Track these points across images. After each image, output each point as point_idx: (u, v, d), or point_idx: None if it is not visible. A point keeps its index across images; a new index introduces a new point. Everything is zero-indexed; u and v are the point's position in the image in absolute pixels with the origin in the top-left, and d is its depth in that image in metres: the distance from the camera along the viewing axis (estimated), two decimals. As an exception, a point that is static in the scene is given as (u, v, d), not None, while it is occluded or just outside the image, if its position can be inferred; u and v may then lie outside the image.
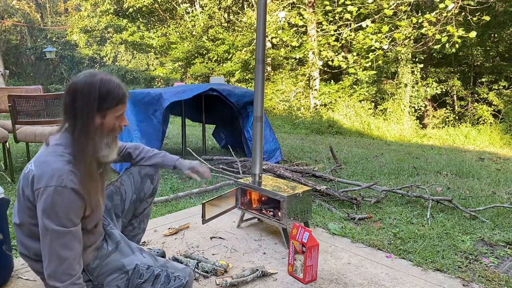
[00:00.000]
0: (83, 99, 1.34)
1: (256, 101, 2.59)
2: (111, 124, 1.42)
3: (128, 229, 1.90)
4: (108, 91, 1.37)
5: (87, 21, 16.18)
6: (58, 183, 1.28)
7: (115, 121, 1.42)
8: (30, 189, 1.34)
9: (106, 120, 1.40)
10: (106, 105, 1.37)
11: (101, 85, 1.36)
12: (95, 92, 1.35)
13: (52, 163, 1.32)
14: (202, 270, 2.02)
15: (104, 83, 1.37)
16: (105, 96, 1.36)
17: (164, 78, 15.53)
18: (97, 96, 1.35)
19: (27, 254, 1.46)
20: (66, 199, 1.29)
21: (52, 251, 1.30)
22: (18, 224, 1.45)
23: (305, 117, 11.75)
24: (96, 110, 1.36)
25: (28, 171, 1.37)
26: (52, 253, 1.30)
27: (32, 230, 1.41)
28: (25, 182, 1.36)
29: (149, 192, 1.89)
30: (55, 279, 1.31)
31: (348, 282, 2.02)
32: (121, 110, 1.43)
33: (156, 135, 4.30)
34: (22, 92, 4.84)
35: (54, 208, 1.28)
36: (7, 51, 17.48)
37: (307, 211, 2.52)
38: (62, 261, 1.31)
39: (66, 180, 1.29)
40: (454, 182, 4.31)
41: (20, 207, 1.42)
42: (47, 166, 1.32)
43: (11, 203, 2.60)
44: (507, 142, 10.07)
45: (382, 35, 10.29)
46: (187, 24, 17.00)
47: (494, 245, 2.54)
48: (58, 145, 1.37)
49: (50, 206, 1.28)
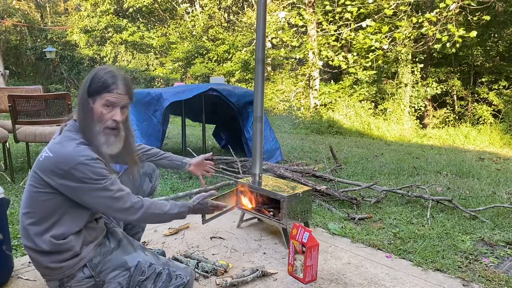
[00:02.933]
0: (82, 85, 1.50)
1: (256, 101, 2.59)
2: (99, 112, 1.47)
3: (128, 227, 1.91)
4: (97, 75, 1.46)
5: (87, 21, 16.17)
6: (84, 157, 1.38)
7: (102, 109, 1.47)
8: (51, 172, 1.40)
9: (95, 106, 1.47)
10: (92, 88, 1.45)
11: (97, 70, 1.49)
12: (89, 77, 1.48)
13: (68, 145, 1.42)
14: (202, 270, 2.02)
15: (99, 69, 1.49)
16: (92, 80, 1.47)
17: (164, 78, 15.52)
18: (89, 79, 1.48)
19: (33, 246, 1.47)
20: (96, 165, 1.40)
21: (112, 201, 1.43)
22: (27, 212, 1.47)
23: (305, 117, 11.75)
24: (87, 92, 1.46)
25: (44, 157, 1.43)
26: (113, 201, 1.43)
27: (43, 214, 1.44)
28: (45, 167, 1.41)
29: (148, 191, 1.91)
30: (130, 213, 1.47)
31: (348, 282, 2.02)
32: (107, 98, 1.46)
33: (156, 135, 4.30)
34: (22, 92, 4.83)
35: (89, 175, 1.38)
36: (7, 51, 17.47)
37: (307, 211, 2.52)
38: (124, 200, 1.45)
39: (90, 154, 1.41)
40: (454, 182, 4.31)
41: (33, 193, 1.45)
42: (65, 149, 1.41)
43: (11, 203, 2.60)
44: (507, 142, 10.07)
45: (382, 35, 10.29)
46: (187, 24, 17.00)
47: (494, 245, 2.54)
48: (69, 131, 1.48)
49: (86, 174, 1.37)
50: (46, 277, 1.52)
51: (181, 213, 1.58)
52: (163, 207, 1.53)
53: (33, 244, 1.46)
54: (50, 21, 19.77)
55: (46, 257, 1.45)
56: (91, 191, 1.40)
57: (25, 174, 3.96)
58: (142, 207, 1.47)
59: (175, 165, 2.00)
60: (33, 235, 1.46)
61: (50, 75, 18.04)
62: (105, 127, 1.48)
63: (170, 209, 1.54)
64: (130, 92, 1.52)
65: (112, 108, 1.48)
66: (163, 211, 1.53)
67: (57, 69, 17.56)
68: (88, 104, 1.47)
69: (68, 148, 1.41)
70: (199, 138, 7.14)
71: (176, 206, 1.56)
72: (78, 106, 1.50)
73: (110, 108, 1.47)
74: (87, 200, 1.43)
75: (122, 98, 1.48)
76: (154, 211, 1.50)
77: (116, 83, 1.46)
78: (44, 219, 1.44)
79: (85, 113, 1.47)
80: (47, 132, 3.70)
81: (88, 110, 1.47)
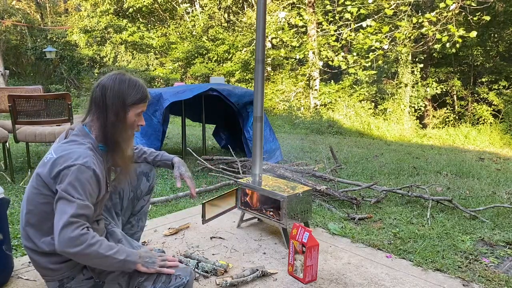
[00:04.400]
0: (113, 92, 1.49)
1: (256, 101, 2.59)
2: (132, 120, 1.55)
3: (127, 227, 1.91)
4: (135, 88, 1.53)
5: (87, 21, 16.16)
6: (82, 163, 1.37)
7: (135, 117, 1.55)
8: (51, 173, 1.39)
9: (129, 115, 1.53)
10: (131, 100, 1.52)
11: (130, 82, 1.53)
12: (125, 87, 1.51)
13: (75, 148, 1.43)
14: (202, 270, 2.02)
15: (132, 81, 1.54)
16: (131, 92, 1.52)
17: (164, 78, 15.51)
18: (126, 91, 1.51)
19: (33, 247, 1.47)
20: (87, 178, 1.38)
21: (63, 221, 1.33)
22: (27, 213, 1.47)
23: (305, 117, 11.76)
24: (123, 103, 1.51)
25: (48, 159, 1.44)
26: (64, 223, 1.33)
27: (42, 217, 1.44)
28: (45, 168, 1.42)
29: (146, 190, 1.91)
30: (72, 244, 1.31)
31: (348, 282, 2.02)
32: (142, 108, 1.57)
33: (156, 135, 4.30)
34: (22, 92, 4.84)
35: (75, 184, 1.35)
36: (7, 51, 17.47)
37: (307, 211, 2.52)
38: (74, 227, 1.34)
39: (90, 162, 1.39)
40: (454, 182, 4.31)
41: (34, 194, 1.45)
42: (70, 151, 1.41)
43: (11, 203, 2.60)
44: (507, 142, 10.08)
45: (382, 35, 10.29)
46: (187, 24, 16.99)
47: (494, 245, 2.54)
48: (76, 136, 1.49)
49: (73, 181, 1.35)
50: (46, 277, 1.52)
51: (127, 262, 1.39)
52: (110, 249, 1.36)
53: (33, 245, 1.46)
54: (50, 21, 19.76)
55: (46, 258, 1.45)
56: (59, 199, 1.34)
57: (25, 174, 3.96)
58: (85, 241, 1.31)
59: (167, 166, 1.95)
60: (33, 236, 1.46)
61: (50, 75, 18.04)
62: (133, 134, 1.59)
63: (116, 252, 1.37)
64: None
65: (140, 115, 1.58)
66: (108, 253, 1.34)
67: (57, 69, 17.55)
68: (124, 114, 1.52)
69: (73, 151, 1.42)
70: (199, 138, 7.14)
71: (124, 252, 1.40)
72: (108, 113, 1.49)
73: (140, 115, 1.58)
74: (54, 208, 1.36)
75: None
76: (97, 250, 1.32)
77: (147, 93, 1.58)
78: (44, 221, 1.44)
79: (119, 121, 1.51)
80: (47, 132, 3.70)
81: (124, 118, 1.52)
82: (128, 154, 1.60)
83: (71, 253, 1.31)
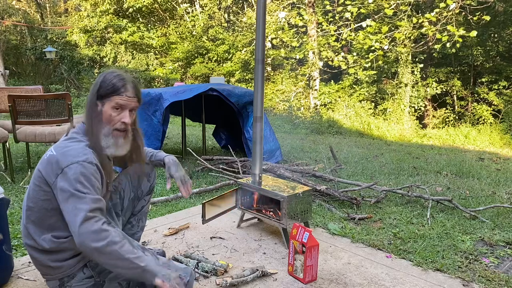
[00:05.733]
0: (92, 87, 1.51)
1: (256, 101, 2.59)
2: (108, 114, 1.49)
3: (127, 227, 1.91)
4: (106, 79, 1.49)
5: (87, 21, 16.16)
6: (84, 159, 1.37)
7: (111, 112, 1.49)
8: (51, 171, 1.39)
9: (104, 108, 1.49)
10: (102, 91, 1.48)
11: (108, 75, 1.50)
12: (100, 80, 1.50)
13: (74, 146, 1.43)
14: (202, 270, 2.02)
15: (110, 74, 1.51)
16: (102, 83, 1.49)
17: (164, 78, 15.51)
18: (98, 82, 1.50)
19: (33, 245, 1.47)
20: (92, 172, 1.38)
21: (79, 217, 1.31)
22: (28, 210, 1.48)
23: (305, 117, 11.76)
24: (96, 96, 1.49)
25: (48, 156, 1.43)
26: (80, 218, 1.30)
27: (41, 213, 1.44)
28: (46, 165, 1.42)
29: (146, 190, 1.91)
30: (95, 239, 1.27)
31: (348, 282, 2.02)
32: (117, 101, 1.49)
33: (156, 135, 4.30)
34: (22, 92, 4.83)
35: (81, 179, 1.34)
36: (7, 51, 17.45)
37: (307, 211, 2.52)
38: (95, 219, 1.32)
39: (90, 158, 1.40)
40: (454, 182, 4.31)
41: (34, 191, 1.46)
42: (70, 149, 1.42)
43: (11, 203, 2.60)
44: (507, 142, 10.07)
45: (382, 35, 10.29)
46: (187, 24, 16.99)
47: (494, 245, 2.54)
48: (76, 133, 1.50)
49: (78, 177, 1.34)
50: (46, 276, 1.52)
51: (146, 271, 1.31)
52: (131, 252, 1.30)
53: (33, 242, 1.46)
54: (50, 21, 19.75)
55: (47, 256, 1.46)
56: (69, 198, 1.33)
57: (25, 174, 3.96)
58: (107, 237, 1.27)
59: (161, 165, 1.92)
60: (34, 233, 1.46)
61: (50, 75, 18.03)
62: (114, 129, 1.51)
63: (137, 258, 1.30)
64: (139, 95, 1.56)
65: (121, 111, 1.51)
66: (128, 256, 1.29)
67: (57, 69, 17.54)
68: (97, 107, 1.49)
69: (73, 147, 1.42)
70: (199, 138, 7.14)
71: (145, 260, 1.32)
72: (86, 108, 1.51)
73: (119, 111, 1.51)
74: (62, 208, 1.35)
75: (131, 101, 1.52)
76: (119, 250, 1.28)
77: (125, 86, 1.50)
78: (44, 218, 1.45)
79: (93, 115, 1.49)
80: (47, 132, 3.70)
81: (97, 113, 1.49)
82: (112, 153, 1.51)
83: (92, 248, 1.26)
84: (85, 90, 15.30)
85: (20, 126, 3.78)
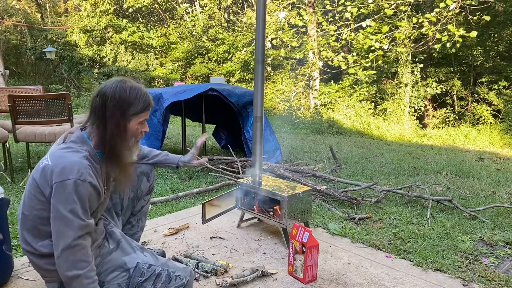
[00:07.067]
0: (114, 103, 1.43)
1: (256, 101, 2.59)
2: (135, 129, 1.49)
3: (127, 227, 1.91)
4: (137, 97, 1.46)
5: (86, 21, 16.15)
6: (77, 177, 1.34)
7: (138, 126, 1.49)
8: (46, 182, 1.38)
9: (131, 125, 1.47)
10: (133, 110, 1.45)
11: (131, 91, 1.46)
12: (126, 97, 1.44)
13: (70, 158, 1.38)
14: (202, 270, 2.02)
15: (133, 90, 1.47)
16: (133, 102, 1.46)
17: (164, 78, 15.51)
18: (127, 101, 1.44)
19: (31, 250, 1.47)
20: (85, 192, 1.35)
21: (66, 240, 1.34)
22: (22, 217, 1.47)
23: (305, 117, 11.76)
24: (124, 114, 1.45)
25: (44, 165, 1.41)
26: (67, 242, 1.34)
27: (36, 222, 1.43)
28: (41, 175, 1.40)
29: (146, 190, 1.91)
30: (73, 267, 1.33)
31: (348, 282, 2.02)
32: (145, 116, 1.51)
33: (156, 135, 4.30)
34: (22, 92, 4.83)
35: (73, 199, 1.33)
36: (7, 51, 17.44)
37: (307, 211, 2.52)
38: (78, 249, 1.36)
39: (85, 174, 1.36)
40: (454, 182, 4.31)
41: (29, 199, 1.44)
42: (65, 161, 1.37)
43: (11, 203, 2.59)
44: (507, 142, 10.07)
45: (382, 35, 10.29)
46: (187, 24, 16.99)
47: (494, 245, 2.54)
48: (74, 142, 1.45)
49: (70, 197, 1.33)
50: (45, 278, 1.52)
51: None
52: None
53: (31, 248, 1.46)
54: (50, 21, 19.73)
55: (45, 259, 1.45)
56: (58, 219, 1.34)
57: (25, 174, 3.96)
58: (83, 268, 1.35)
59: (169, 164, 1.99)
60: (30, 240, 1.45)
61: (50, 75, 18.02)
62: (137, 140, 1.54)
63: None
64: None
65: (144, 122, 1.53)
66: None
67: (57, 69, 17.54)
68: (126, 124, 1.46)
69: (70, 159, 1.38)
70: (199, 138, 7.13)
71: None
72: (107, 123, 1.43)
73: (144, 123, 1.53)
74: (51, 222, 1.36)
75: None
76: (86, 286, 1.35)
77: (150, 101, 1.51)
78: (39, 226, 1.43)
79: (117, 133, 1.45)
80: (47, 132, 3.70)
81: (123, 131, 1.47)
82: (129, 162, 1.54)
83: (63, 275, 1.34)
84: (85, 90, 15.29)
85: (20, 126, 3.78)
